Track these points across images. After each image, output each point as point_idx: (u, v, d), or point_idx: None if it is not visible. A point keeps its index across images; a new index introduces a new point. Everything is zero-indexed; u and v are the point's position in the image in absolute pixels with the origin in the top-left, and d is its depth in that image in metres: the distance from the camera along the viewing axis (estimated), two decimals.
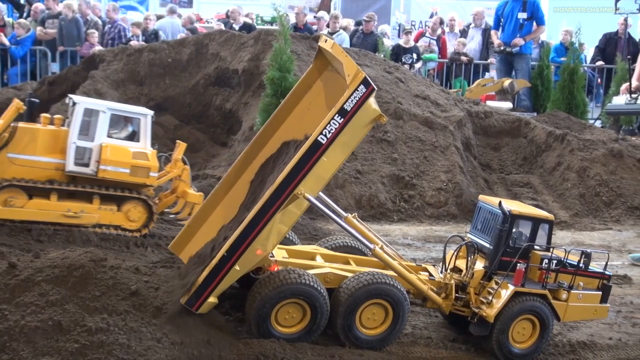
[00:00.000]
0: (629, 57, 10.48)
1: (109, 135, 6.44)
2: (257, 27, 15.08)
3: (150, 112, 6.63)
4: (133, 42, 12.93)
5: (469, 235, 5.20)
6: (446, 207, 8.83)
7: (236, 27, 14.72)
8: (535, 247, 4.92)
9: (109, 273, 4.45)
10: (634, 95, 6.99)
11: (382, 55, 12.81)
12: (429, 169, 9.20)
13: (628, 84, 7.18)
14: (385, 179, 8.91)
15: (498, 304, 4.67)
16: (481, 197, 5.35)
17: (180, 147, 6.89)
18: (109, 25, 14.26)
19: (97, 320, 4.11)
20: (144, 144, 6.49)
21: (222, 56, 11.15)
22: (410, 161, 9.24)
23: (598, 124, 14.00)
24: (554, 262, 4.86)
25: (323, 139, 4.27)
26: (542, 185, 9.73)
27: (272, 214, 4.29)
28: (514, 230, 4.88)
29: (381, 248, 4.80)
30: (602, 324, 5.66)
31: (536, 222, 4.90)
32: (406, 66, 13.40)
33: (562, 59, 13.75)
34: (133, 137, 6.57)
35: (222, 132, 10.99)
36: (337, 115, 4.27)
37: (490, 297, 4.74)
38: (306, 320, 4.56)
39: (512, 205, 4.96)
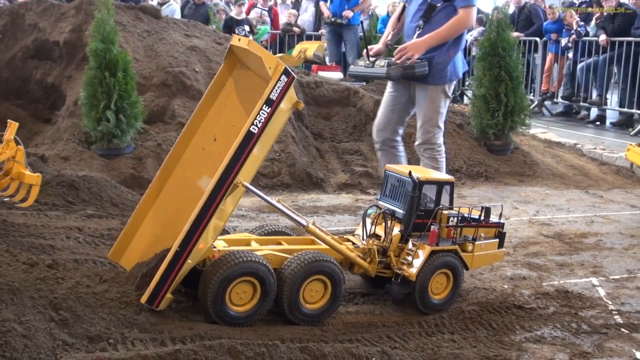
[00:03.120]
0: None
1: None
2: None
3: None
4: None
5: (380, 202, 5.52)
6: (279, 177, 8.92)
7: None
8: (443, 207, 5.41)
9: None
10: (372, 59, 6.73)
11: (213, 27, 12.66)
12: None
13: (374, 46, 6.91)
14: None
15: (418, 263, 5.09)
16: (387, 166, 5.67)
17: (12, 126, 6.40)
18: None
19: None
20: None
21: (40, 27, 10.50)
22: None
23: None
24: (459, 219, 5.34)
25: (255, 129, 4.46)
26: (371, 153, 10.02)
27: (216, 205, 4.45)
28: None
29: (313, 224, 5.05)
30: None
31: (440, 185, 5.31)
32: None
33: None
34: None
35: (44, 108, 10.37)
36: (264, 105, 4.47)
37: (409, 258, 5.15)
38: (257, 296, 4.70)
39: (418, 172, 5.33)
